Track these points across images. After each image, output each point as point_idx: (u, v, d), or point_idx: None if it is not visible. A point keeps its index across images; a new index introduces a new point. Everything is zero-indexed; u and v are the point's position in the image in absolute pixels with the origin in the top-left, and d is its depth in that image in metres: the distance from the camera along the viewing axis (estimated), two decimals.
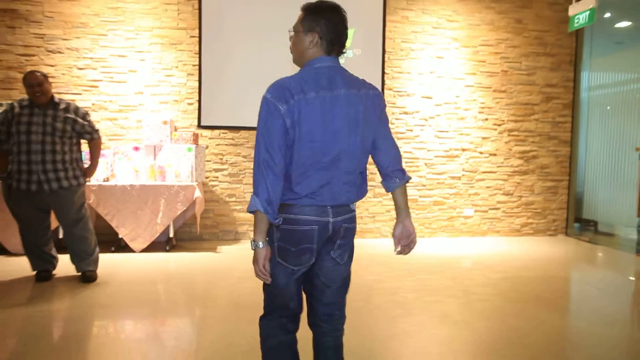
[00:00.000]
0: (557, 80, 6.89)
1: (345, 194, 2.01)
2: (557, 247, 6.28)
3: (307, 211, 1.96)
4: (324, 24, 1.96)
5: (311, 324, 2.17)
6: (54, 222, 4.50)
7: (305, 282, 2.13)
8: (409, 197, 6.64)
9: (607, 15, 6.72)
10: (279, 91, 1.89)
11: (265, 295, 2.10)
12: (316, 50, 2.00)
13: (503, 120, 6.81)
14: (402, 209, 2.13)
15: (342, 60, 5.99)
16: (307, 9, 2.01)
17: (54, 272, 4.48)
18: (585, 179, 7.04)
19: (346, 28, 2.03)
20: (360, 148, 2.01)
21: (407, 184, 2.16)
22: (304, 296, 2.16)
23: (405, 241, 2.11)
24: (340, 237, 2.04)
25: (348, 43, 6.02)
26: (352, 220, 2.09)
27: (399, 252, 2.13)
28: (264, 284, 2.05)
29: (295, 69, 2.06)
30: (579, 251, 6.10)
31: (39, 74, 4.13)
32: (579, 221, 7.12)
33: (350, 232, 2.09)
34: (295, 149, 1.91)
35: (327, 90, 1.94)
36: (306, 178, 1.94)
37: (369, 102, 2.01)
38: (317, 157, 1.93)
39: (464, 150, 6.75)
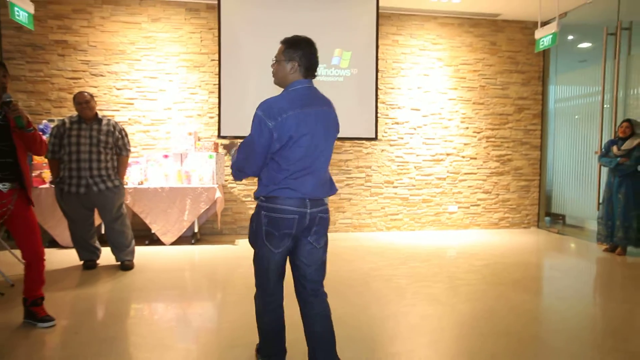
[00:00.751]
0: (528, 93, 6.97)
1: (321, 189, 2.19)
2: (530, 238, 6.32)
3: (289, 203, 2.12)
4: (302, 54, 2.17)
5: (302, 302, 2.28)
6: (97, 220, 4.59)
7: (293, 267, 2.27)
8: (401, 196, 6.74)
9: (570, 37, 6.80)
10: (269, 110, 2.08)
11: (255, 273, 2.27)
12: (296, 75, 2.20)
13: (481, 129, 6.88)
14: None
15: (340, 79, 6.14)
16: (287, 42, 2.22)
17: (98, 261, 4.56)
18: (553, 179, 7.07)
19: (317, 57, 2.24)
20: (330, 153, 2.27)
21: (400, 184, 2.36)
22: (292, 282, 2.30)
23: None
24: (316, 225, 2.19)
25: (345, 63, 6.19)
26: (326, 211, 2.26)
27: None
28: (254, 264, 2.25)
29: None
30: (549, 241, 6.13)
31: (86, 93, 4.23)
32: (548, 215, 7.16)
33: (325, 221, 2.25)
34: (284, 154, 2.10)
35: (309, 107, 2.15)
36: (291, 176, 2.11)
37: (332, 118, 2.25)
38: (303, 160, 2.12)
39: (448, 154, 6.82)
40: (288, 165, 2.11)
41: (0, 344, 2.74)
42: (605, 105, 5.96)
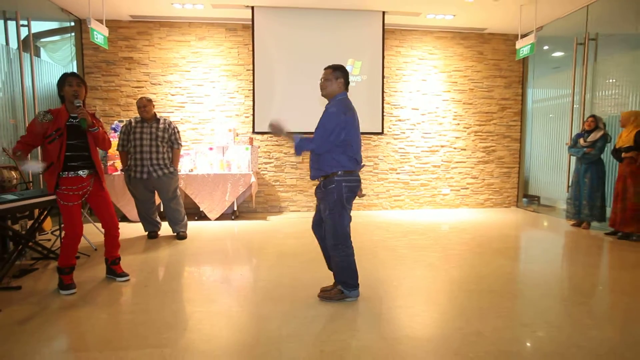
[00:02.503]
0: (510, 95, 6.86)
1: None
2: (510, 215, 6.28)
3: (357, 173, 2.69)
4: (344, 75, 2.70)
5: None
6: (157, 200, 4.71)
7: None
8: (403, 182, 6.75)
9: (546, 47, 6.65)
10: (341, 108, 2.60)
11: (338, 232, 2.65)
12: (341, 89, 2.70)
13: (470, 124, 6.82)
14: None
15: (352, 84, 6.15)
16: (334, 67, 2.70)
17: (159, 232, 4.69)
18: (530, 166, 6.98)
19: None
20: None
21: (402, 171, 2.86)
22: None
23: None
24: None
25: (357, 71, 6.19)
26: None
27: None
28: (337, 227, 2.63)
29: (318, 97, 2.76)
30: (525, 218, 6.08)
31: (144, 99, 4.32)
32: (526, 196, 7.08)
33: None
34: (347, 143, 2.59)
35: (353, 111, 2.69)
36: (355, 156, 2.65)
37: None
38: (355, 147, 2.66)
39: (442, 146, 6.79)
40: (352, 149, 2.61)
41: (89, 292, 2.90)
42: (575, 105, 5.85)
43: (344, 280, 2.71)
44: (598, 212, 4.97)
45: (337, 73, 2.65)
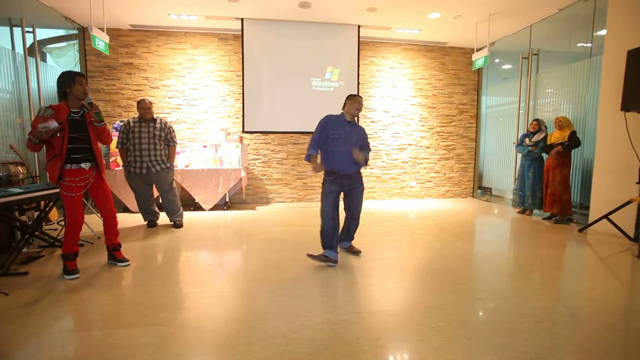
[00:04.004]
0: (467, 100, 6.95)
1: None
2: (467, 204, 6.38)
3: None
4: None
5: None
6: (155, 192, 4.61)
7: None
8: (375, 176, 6.75)
9: (497, 60, 6.76)
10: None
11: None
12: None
13: (434, 126, 6.88)
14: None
15: (331, 89, 6.10)
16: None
17: (157, 222, 4.60)
18: (484, 162, 7.12)
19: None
20: None
21: (375, 166, 2.96)
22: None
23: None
24: None
25: (335, 77, 6.15)
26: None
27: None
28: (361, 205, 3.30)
29: (301, 101, 2.57)
30: (480, 207, 6.18)
31: (147, 100, 4.23)
32: (480, 188, 7.21)
33: None
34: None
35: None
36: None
37: None
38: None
39: (409, 145, 6.83)
40: None
41: (92, 276, 2.81)
42: (520, 111, 5.97)
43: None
44: (538, 201, 5.11)
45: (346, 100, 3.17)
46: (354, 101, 3.14)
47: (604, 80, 4.24)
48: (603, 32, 4.41)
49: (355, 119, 3.24)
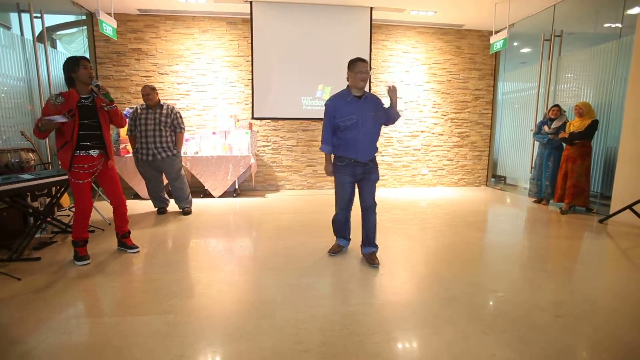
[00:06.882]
0: (483, 86, 6.73)
1: None
2: (481, 193, 6.27)
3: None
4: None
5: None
6: (165, 180, 4.62)
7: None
8: (387, 164, 6.67)
9: (515, 44, 6.50)
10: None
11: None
12: None
13: (447, 112, 6.71)
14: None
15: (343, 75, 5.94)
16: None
17: (167, 209, 4.62)
18: (499, 150, 6.94)
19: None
20: None
21: (387, 153, 2.56)
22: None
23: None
24: None
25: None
26: None
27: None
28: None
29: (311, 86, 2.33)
30: (494, 196, 6.07)
31: (148, 87, 4.12)
32: (494, 177, 7.06)
33: None
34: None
35: None
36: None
37: None
38: None
39: (422, 131, 6.69)
40: None
41: (102, 263, 2.82)
42: (540, 97, 5.75)
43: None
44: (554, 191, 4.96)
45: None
46: (355, 70, 2.55)
47: (635, 63, 4.01)
48: (635, 10, 4.15)
49: (366, 89, 2.90)
